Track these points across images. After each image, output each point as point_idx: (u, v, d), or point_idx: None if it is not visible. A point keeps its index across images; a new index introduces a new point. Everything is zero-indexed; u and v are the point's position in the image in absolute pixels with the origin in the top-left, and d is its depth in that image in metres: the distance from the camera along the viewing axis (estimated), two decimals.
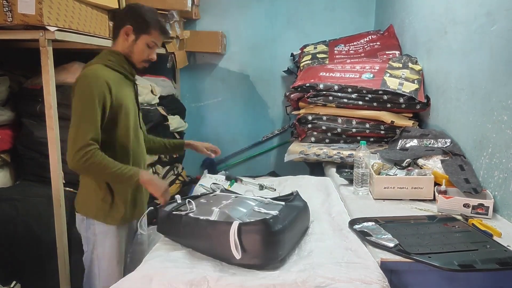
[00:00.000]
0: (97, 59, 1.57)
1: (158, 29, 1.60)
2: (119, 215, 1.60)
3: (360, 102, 2.54)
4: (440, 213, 1.67)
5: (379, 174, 1.92)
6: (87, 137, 1.43)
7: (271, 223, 1.28)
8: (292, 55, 3.62)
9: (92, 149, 1.43)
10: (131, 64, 1.62)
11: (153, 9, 1.65)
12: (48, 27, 1.70)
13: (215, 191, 1.78)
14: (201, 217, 1.39)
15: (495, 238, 1.43)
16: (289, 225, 1.36)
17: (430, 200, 1.81)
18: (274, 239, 1.28)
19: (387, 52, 3.07)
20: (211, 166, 3.81)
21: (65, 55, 2.24)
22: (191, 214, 1.43)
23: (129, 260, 1.74)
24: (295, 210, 1.49)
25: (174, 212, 1.45)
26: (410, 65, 2.69)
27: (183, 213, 1.44)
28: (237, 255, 1.25)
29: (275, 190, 2.07)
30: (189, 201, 1.53)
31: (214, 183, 1.93)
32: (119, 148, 1.57)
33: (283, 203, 1.56)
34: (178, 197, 1.57)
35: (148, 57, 1.62)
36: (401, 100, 2.48)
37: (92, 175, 1.54)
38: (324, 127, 2.62)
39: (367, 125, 2.56)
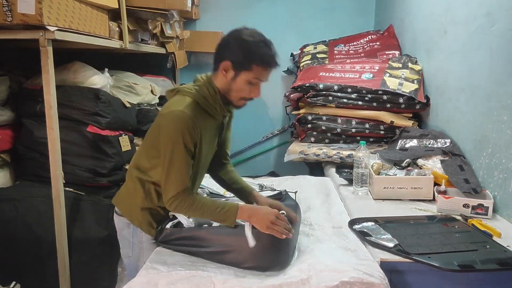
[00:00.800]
0: (191, 90, 1.41)
1: (261, 64, 1.38)
2: (155, 230, 1.52)
3: (360, 102, 2.55)
4: (439, 213, 1.67)
5: (378, 174, 1.92)
6: (180, 187, 1.36)
7: None
8: (292, 55, 3.62)
9: (182, 197, 1.36)
10: (228, 101, 1.45)
11: (257, 35, 1.40)
12: (48, 27, 1.69)
13: (203, 195, 1.75)
14: (205, 225, 1.40)
15: (494, 238, 1.44)
16: (293, 225, 1.39)
17: (429, 200, 1.82)
18: (286, 240, 1.30)
19: (386, 52, 3.07)
20: None
21: (65, 55, 2.24)
22: (192, 225, 1.41)
23: None
24: (292, 210, 1.49)
25: (174, 229, 1.42)
26: (409, 65, 2.69)
27: (184, 227, 1.41)
28: (252, 242, 1.27)
29: (274, 190, 2.07)
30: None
31: (200, 187, 1.89)
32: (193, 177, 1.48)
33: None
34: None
35: (249, 95, 1.43)
36: (401, 100, 2.48)
37: (189, 215, 1.45)
38: (323, 127, 2.62)
39: (367, 125, 2.57)
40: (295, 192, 1.84)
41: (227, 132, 1.67)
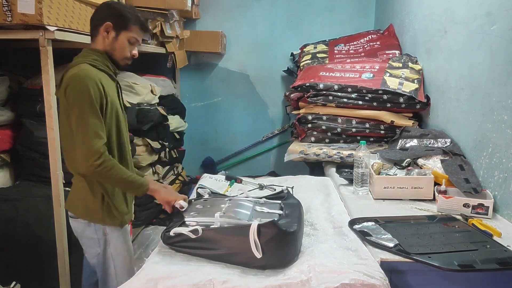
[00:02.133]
0: (81, 58, 1.52)
1: (138, 25, 1.57)
2: (120, 216, 1.59)
3: (360, 102, 2.54)
4: (440, 213, 1.67)
5: (379, 174, 1.91)
6: (99, 143, 1.42)
7: (286, 225, 1.34)
8: (292, 55, 3.62)
9: (107, 156, 1.43)
10: (114, 62, 1.58)
11: (131, 5, 1.63)
12: (48, 27, 1.69)
13: (203, 196, 1.75)
14: (213, 226, 1.39)
15: (495, 238, 1.44)
16: (299, 223, 1.40)
17: (430, 200, 1.82)
18: (292, 238, 1.32)
19: (387, 52, 3.07)
20: (211, 166, 3.81)
21: (65, 55, 2.24)
22: (197, 227, 1.39)
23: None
24: (296, 208, 1.50)
25: (181, 232, 1.39)
26: (410, 64, 2.69)
27: (190, 228, 1.39)
28: (258, 254, 1.26)
29: (275, 190, 2.07)
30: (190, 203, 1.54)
31: (200, 187, 1.87)
32: (118, 152, 1.56)
33: (279, 201, 1.56)
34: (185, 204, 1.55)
35: (130, 53, 1.59)
36: (401, 99, 2.48)
37: (105, 181, 1.52)
38: (324, 127, 2.62)
39: (367, 125, 2.56)
40: (292, 188, 1.86)
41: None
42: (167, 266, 1.31)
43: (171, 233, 1.40)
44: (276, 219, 1.36)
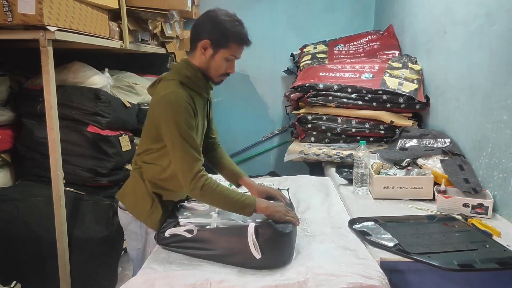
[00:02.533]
0: (173, 73, 1.46)
1: (238, 42, 1.46)
2: (159, 222, 1.54)
3: (360, 102, 2.55)
4: (439, 213, 1.68)
5: (378, 174, 1.92)
6: (198, 165, 1.39)
7: (281, 226, 1.34)
8: (292, 55, 3.62)
9: (207, 177, 1.39)
10: (208, 78, 1.51)
11: (231, 15, 1.49)
12: (48, 27, 1.70)
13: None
14: (208, 227, 1.39)
15: (494, 237, 1.44)
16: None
17: (429, 200, 1.82)
18: (288, 238, 1.33)
19: (386, 52, 3.07)
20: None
21: (65, 55, 2.24)
22: (192, 227, 1.39)
23: None
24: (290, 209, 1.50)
25: (176, 233, 1.39)
26: (409, 65, 2.69)
27: (185, 228, 1.39)
28: (257, 255, 1.27)
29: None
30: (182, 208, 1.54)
31: None
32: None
33: (271, 201, 1.56)
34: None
35: (226, 71, 1.50)
36: (401, 100, 2.48)
37: (211, 202, 1.45)
38: (324, 127, 2.62)
39: (367, 125, 2.57)
40: (288, 189, 1.85)
41: (211, 113, 1.70)
42: (164, 266, 1.31)
43: (166, 234, 1.40)
44: (271, 220, 1.37)
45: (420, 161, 2.01)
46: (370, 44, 3.26)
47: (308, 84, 2.65)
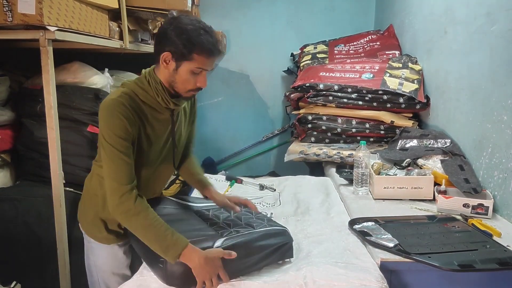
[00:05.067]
0: (131, 82, 1.36)
1: (202, 52, 1.27)
2: (111, 238, 1.48)
3: (360, 102, 2.55)
4: (440, 213, 1.68)
5: (379, 174, 1.92)
6: (123, 180, 1.24)
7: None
8: (292, 55, 3.62)
9: (132, 196, 1.24)
10: (177, 94, 1.35)
11: (196, 23, 1.29)
12: (48, 27, 1.69)
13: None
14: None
15: (494, 238, 1.44)
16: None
17: (430, 200, 1.82)
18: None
19: (387, 52, 3.07)
20: (211, 166, 3.81)
21: (65, 55, 2.24)
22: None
23: None
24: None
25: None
26: (410, 65, 2.69)
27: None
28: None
29: (275, 190, 2.08)
30: None
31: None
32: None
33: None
34: None
35: (195, 85, 1.33)
36: (401, 100, 2.48)
37: (132, 226, 1.28)
38: (324, 127, 2.62)
39: (367, 125, 2.57)
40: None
41: (191, 126, 1.57)
42: None
43: None
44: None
45: (420, 161, 2.01)
46: (370, 44, 3.26)
47: (308, 84, 2.65)
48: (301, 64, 3.16)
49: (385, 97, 2.50)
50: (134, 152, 1.31)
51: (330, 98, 2.58)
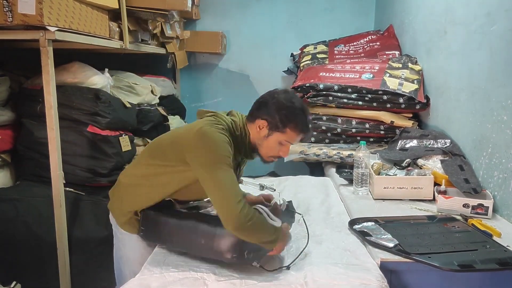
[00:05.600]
0: (227, 121, 1.43)
1: (296, 130, 1.40)
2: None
3: (360, 102, 2.55)
4: (439, 213, 1.68)
5: (379, 174, 1.92)
6: (238, 203, 1.25)
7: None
8: (292, 55, 3.62)
9: (244, 202, 1.26)
10: (256, 152, 1.47)
11: (294, 101, 1.42)
12: (48, 27, 1.69)
13: None
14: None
15: (494, 238, 1.44)
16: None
17: (429, 200, 1.82)
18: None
19: (386, 52, 3.07)
20: None
21: (65, 55, 2.24)
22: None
23: None
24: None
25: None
26: (410, 65, 2.69)
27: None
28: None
29: (275, 190, 2.08)
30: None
31: None
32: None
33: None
34: None
35: (278, 154, 1.45)
36: (401, 100, 2.48)
37: (254, 231, 1.28)
38: (324, 127, 2.62)
39: (367, 125, 2.57)
40: (290, 201, 1.75)
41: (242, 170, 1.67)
42: (160, 268, 1.31)
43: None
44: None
45: (420, 161, 2.01)
46: (370, 44, 3.26)
47: (308, 84, 2.65)
48: (301, 64, 3.16)
49: (385, 97, 2.51)
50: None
51: (330, 98, 2.58)
